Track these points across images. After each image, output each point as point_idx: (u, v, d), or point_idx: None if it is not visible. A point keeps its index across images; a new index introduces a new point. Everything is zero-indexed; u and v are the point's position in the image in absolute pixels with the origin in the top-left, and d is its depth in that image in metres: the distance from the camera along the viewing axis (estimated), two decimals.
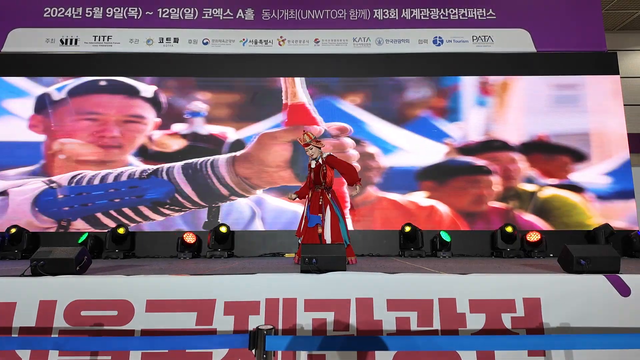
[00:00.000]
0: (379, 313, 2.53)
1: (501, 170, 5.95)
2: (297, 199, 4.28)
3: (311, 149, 4.13)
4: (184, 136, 5.99)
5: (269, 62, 6.12)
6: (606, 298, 2.49)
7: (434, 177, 5.93)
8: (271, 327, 1.47)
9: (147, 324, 2.47)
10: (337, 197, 4.22)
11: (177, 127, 6.01)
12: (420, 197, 5.89)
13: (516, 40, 6.21)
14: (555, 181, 5.89)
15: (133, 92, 6.04)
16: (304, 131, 4.27)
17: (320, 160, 4.13)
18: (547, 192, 5.88)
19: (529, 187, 5.89)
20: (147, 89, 6.05)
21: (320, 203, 4.03)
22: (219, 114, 6.05)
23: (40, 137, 5.89)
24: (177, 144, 5.96)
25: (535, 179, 5.91)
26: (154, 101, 6.04)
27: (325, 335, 2.43)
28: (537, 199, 5.85)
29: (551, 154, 5.96)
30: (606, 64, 6.13)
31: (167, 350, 2.38)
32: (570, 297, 2.51)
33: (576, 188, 5.86)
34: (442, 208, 5.85)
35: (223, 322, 2.47)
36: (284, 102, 6.05)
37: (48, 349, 2.15)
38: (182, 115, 6.03)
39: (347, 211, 5.79)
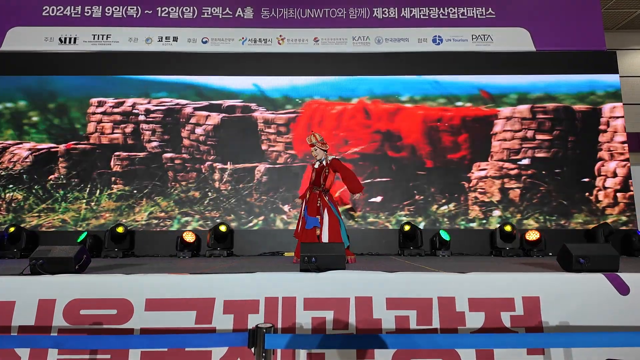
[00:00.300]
0: (379, 312, 2.53)
1: None
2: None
3: (316, 150, 4.15)
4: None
5: (269, 61, 6.11)
6: (605, 297, 2.49)
7: None
8: (270, 325, 1.47)
9: (146, 322, 2.47)
10: (334, 200, 4.24)
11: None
12: None
13: (516, 39, 6.20)
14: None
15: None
16: (311, 132, 4.31)
17: (324, 163, 4.14)
18: None
19: None
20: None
21: (318, 205, 4.05)
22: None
23: None
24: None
25: None
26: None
27: (324, 334, 2.43)
28: None
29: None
30: (606, 63, 6.13)
31: (166, 349, 2.39)
32: (570, 295, 2.51)
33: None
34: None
35: (222, 321, 2.47)
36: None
37: (47, 347, 2.14)
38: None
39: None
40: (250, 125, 5.99)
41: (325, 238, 3.99)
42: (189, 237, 5.27)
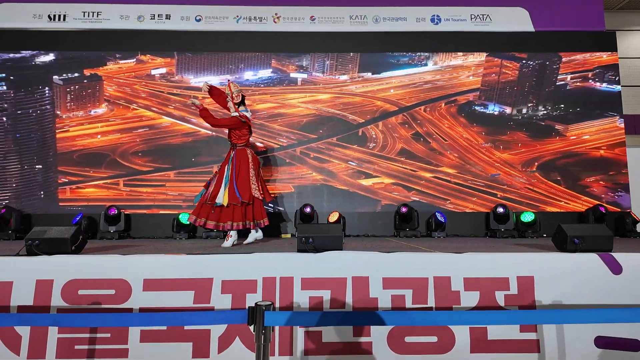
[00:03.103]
0: (375, 291, 2.56)
1: None
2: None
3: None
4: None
5: (264, 40, 5.99)
6: (598, 276, 2.53)
7: None
8: (270, 303, 1.48)
9: (144, 302, 2.48)
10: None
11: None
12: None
13: (515, 19, 6.12)
14: None
15: None
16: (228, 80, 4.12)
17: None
18: None
19: None
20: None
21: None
22: None
23: None
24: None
25: None
26: None
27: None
28: None
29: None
30: (605, 44, 6.08)
31: (165, 328, 2.41)
32: (563, 275, 2.55)
33: None
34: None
35: (221, 301, 2.49)
36: None
37: (48, 325, 2.15)
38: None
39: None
40: None
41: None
42: (186, 219, 5.27)
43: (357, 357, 2.40)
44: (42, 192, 5.68)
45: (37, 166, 5.71)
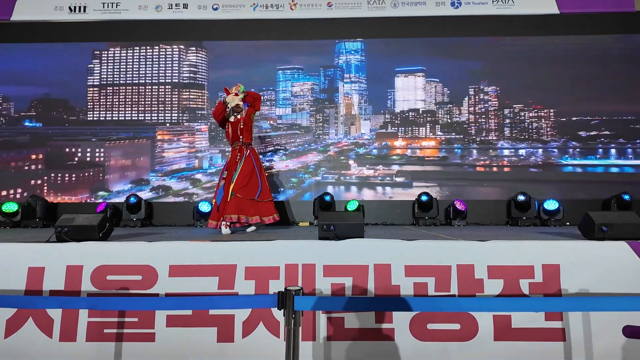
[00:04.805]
0: (397, 278, 2.56)
1: None
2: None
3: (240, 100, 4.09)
4: None
5: (281, 28, 5.96)
6: (627, 264, 2.48)
7: None
8: (299, 287, 1.50)
9: (170, 288, 2.54)
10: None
11: None
12: None
13: (539, 1, 5.90)
14: None
15: None
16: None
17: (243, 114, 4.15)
18: None
19: None
20: None
21: (237, 161, 4.08)
22: None
23: None
24: None
25: None
26: None
27: None
28: None
29: None
30: (634, 26, 5.83)
31: (190, 313, 2.47)
32: (591, 263, 2.50)
33: None
34: None
35: (244, 286, 2.53)
36: None
37: (80, 308, 2.23)
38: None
39: None
40: None
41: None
42: (205, 207, 5.34)
43: (379, 343, 2.42)
44: None
45: None
